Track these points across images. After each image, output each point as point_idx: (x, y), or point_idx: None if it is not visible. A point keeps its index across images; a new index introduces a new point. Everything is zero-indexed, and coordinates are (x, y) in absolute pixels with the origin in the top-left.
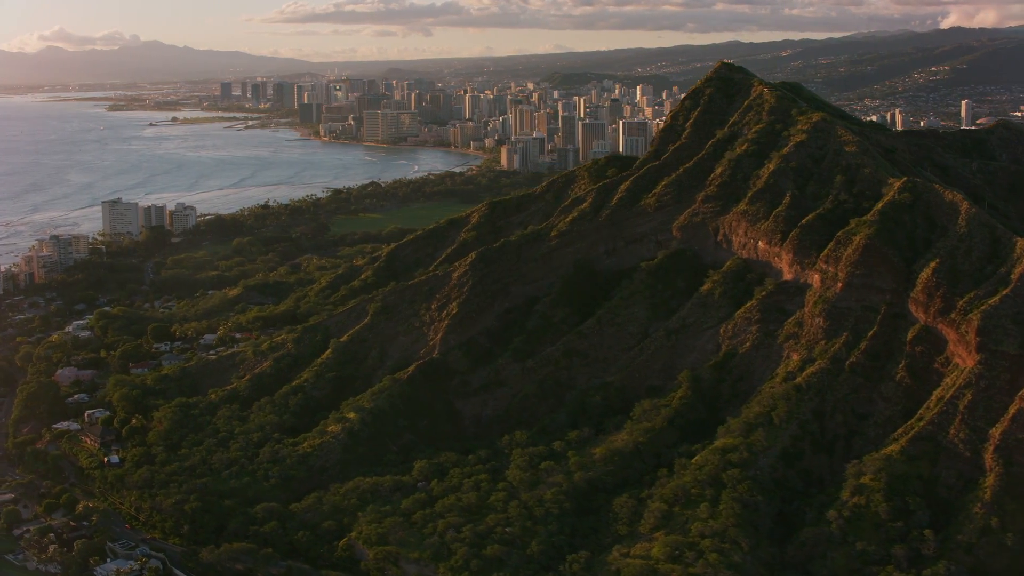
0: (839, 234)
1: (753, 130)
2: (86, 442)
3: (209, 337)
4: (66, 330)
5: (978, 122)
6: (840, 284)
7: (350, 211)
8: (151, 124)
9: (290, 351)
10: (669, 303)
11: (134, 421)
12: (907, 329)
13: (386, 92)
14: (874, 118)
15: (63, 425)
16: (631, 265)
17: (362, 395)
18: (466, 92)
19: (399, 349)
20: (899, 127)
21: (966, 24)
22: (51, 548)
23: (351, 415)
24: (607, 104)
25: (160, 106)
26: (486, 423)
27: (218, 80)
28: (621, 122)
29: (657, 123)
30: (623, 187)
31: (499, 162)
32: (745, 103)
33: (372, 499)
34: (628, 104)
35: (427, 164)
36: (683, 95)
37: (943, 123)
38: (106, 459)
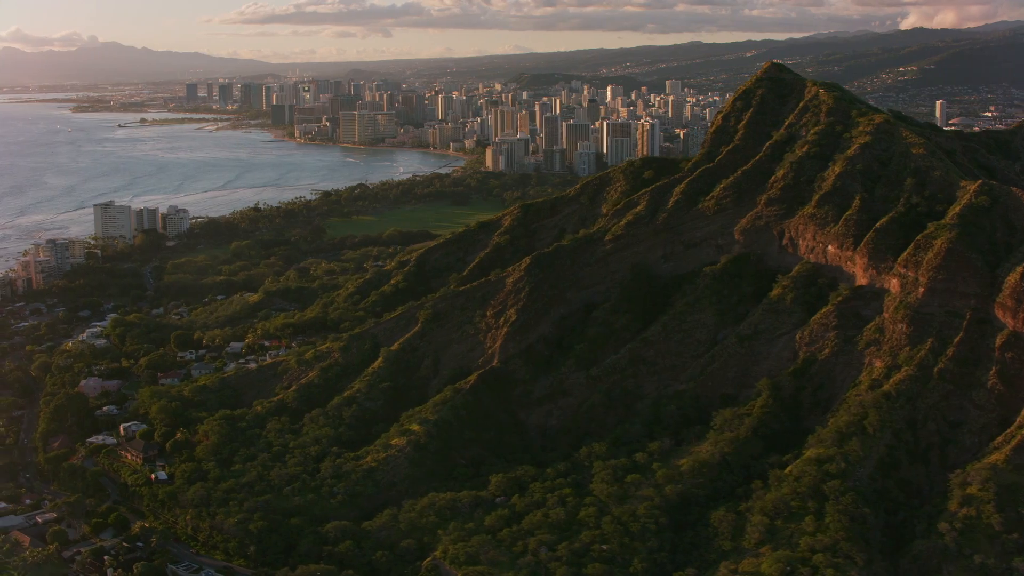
0: (918, 238)
1: (812, 131)
2: (127, 457)
3: (236, 345)
4: (80, 338)
5: (951, 122)
6: (922, 289)
7: (343, 213)
8: (120, 126)
9: (337, 360)
10: (736, 309)
11: (178, 435)
12: (994, 335)
13: (354, 93)
14: None
15: (98, 439)
16: (690, 270)
17: (423, 406)
18: (437, 93)
19: (453, 357)
20: None
21: (926, 25)
22: (109, 572)
23: (415, 427)
24: (585, 105)
25: (126, 107)
26: (552, 434)
27: (179, 81)
28: (605, 123)
29: (642, 123)
30: (678, 190)
31: (483, 163)
32: (800, 104)
33: (452, 516)
34: (602, 105)
35: (408, 166)
36: (734, 96)
37: None
38: (153, 475)
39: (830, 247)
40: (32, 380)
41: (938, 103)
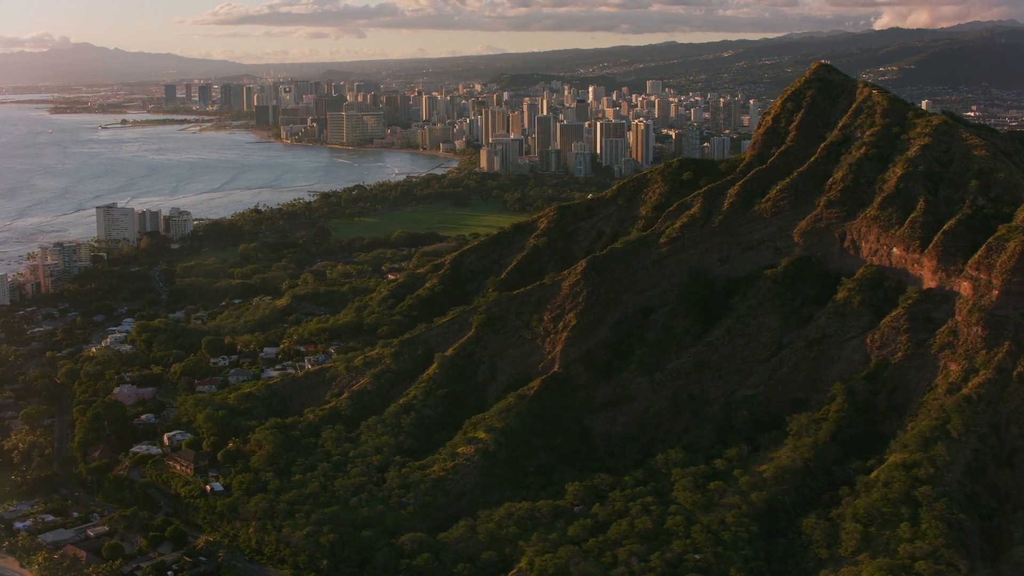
0: (990, 240)
1: (868, 133)
2: (176, 468)
3: (270, 350)
4: (103, 343)
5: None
6: (996, 292)
7: (344, 215)
8: (102, 127)
9: (389, 366)
10: (800, 312)
11: (230, 445)
12: None
13: (335, 94)
14: None
15: (141, 449)
16: (747, 272)
17: (485, 413)
18: (420, 94)
19: (510, 363)
20: None
21: (900, 25)
22: None
23: (482, 435)
24: (567, 105)
25: (104, 109)
26: (618, 440)
27: (154, 82)
28: (598, 124)
29: (637, 124)
30: (732, 191)
31: (478, 164)
32: (853, 105)
33: (532, 526)
34: (585, 105)
35: (401, 167)
36: (783, 97)
37: None
38: (208, 487)
39: (895, 249)
40: (59, 388)
41: (924, 103)
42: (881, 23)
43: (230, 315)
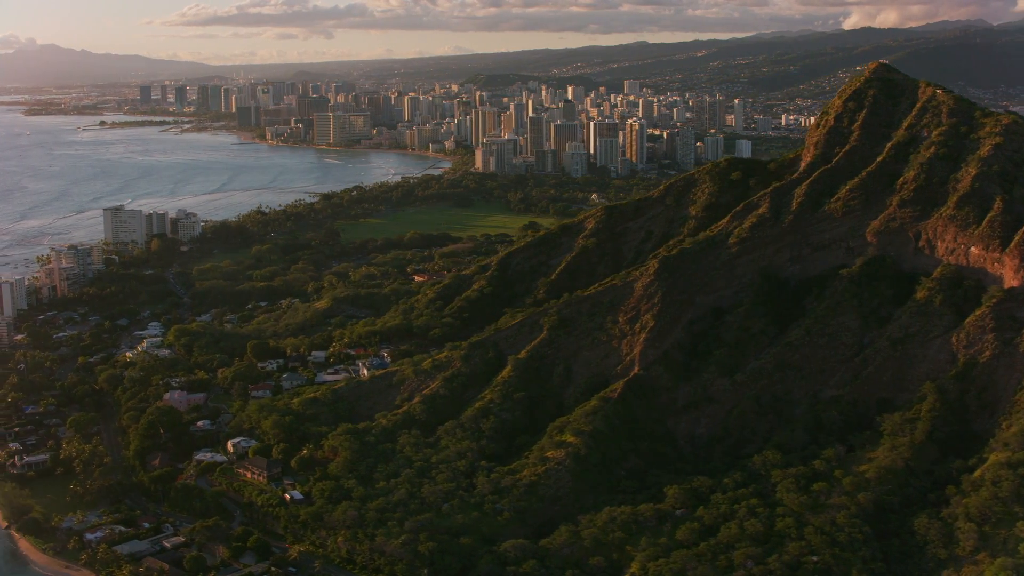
0: None
1: (936, 133)
2: (246, 476)
3: (318, 354)
4: (139, 348)
5: None
6: None
7: (350, 216)
8: (82, 129)
9: (460, 369)
10: (878, 311)
11: (304, 452)
12: None
13: (314, 95)
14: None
15: (205, 456)
16: (818, 272)
17: (568, 417)
18: (400, 95)
19: (585, 365)
20: None
21: (869, 24)
22: None
23: (571, 438)
24: (554, 105)
25: (79, 110)
26: (703, 442)
27: (125, 84)
28: (592, 124)
29: (631, 124)
30: (799, 191)
31: (472, 164)
32: (917, 105)
33: (637, 530)
34: (572, 105)
35: (393, 167)
36: (842, 96)
37: None
38: (287, 495)
39: (973, 249)
40: (100, 394)
41: None
42: (850, 23)
43: (266, 318)
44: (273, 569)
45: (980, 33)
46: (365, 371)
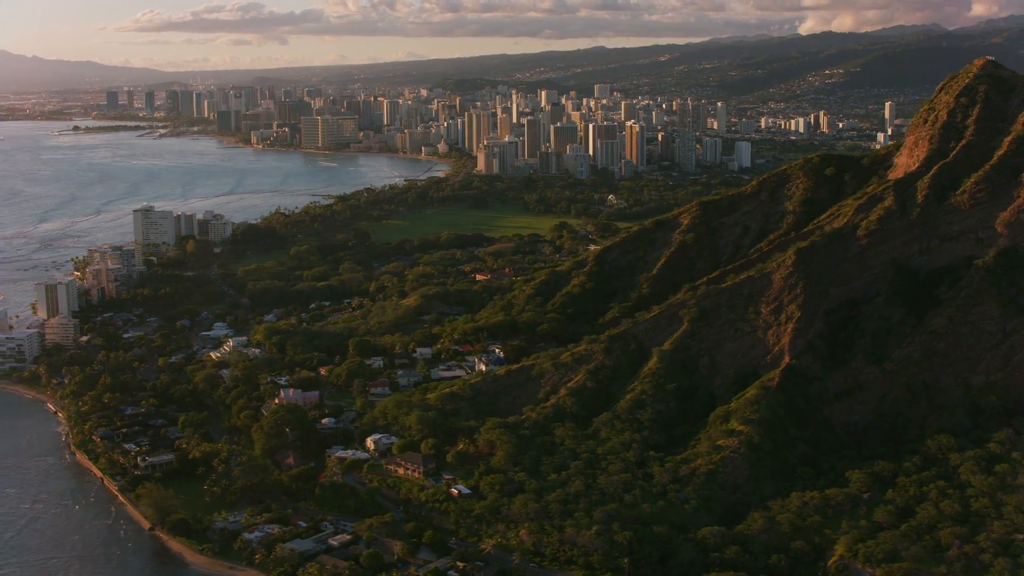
0: None
1: None
2: (399, 472)
3: (424, 351)
4: (224, 348)
5: (895, 122)
6: None
7: (372, 218)
8: (59, 133)
9: (603, 362)
10: (1017, 300)
11: (460, 446)
12: None
13: (286, 99)
14: (801, 120)
15: (346, 454)
16: (947, 263)
17: (727, 406)
18: (376, 99)
19: (731, 356)
20: (825, 129)
21: (824, 29)
22: None
23: (740, 427)
24: (548, 108)
25: (47, 116)
26: (859, 429)
27: (81, 90)
28: (591, 126)
29: (631, 126)
30: (923, 185)
31: (474, 166)
32: None
33: (833, 514)
34: (560, 107)
35: (391, 171)
36: (952, 93)
37: (863, 125)
38: (454, 490)
39: None
40: (199, 394)
41: (887, 104)
42: (806, 27)
43: (352, 316)
44: (460, 564)
45: (945, 37)
46: (483, 367)
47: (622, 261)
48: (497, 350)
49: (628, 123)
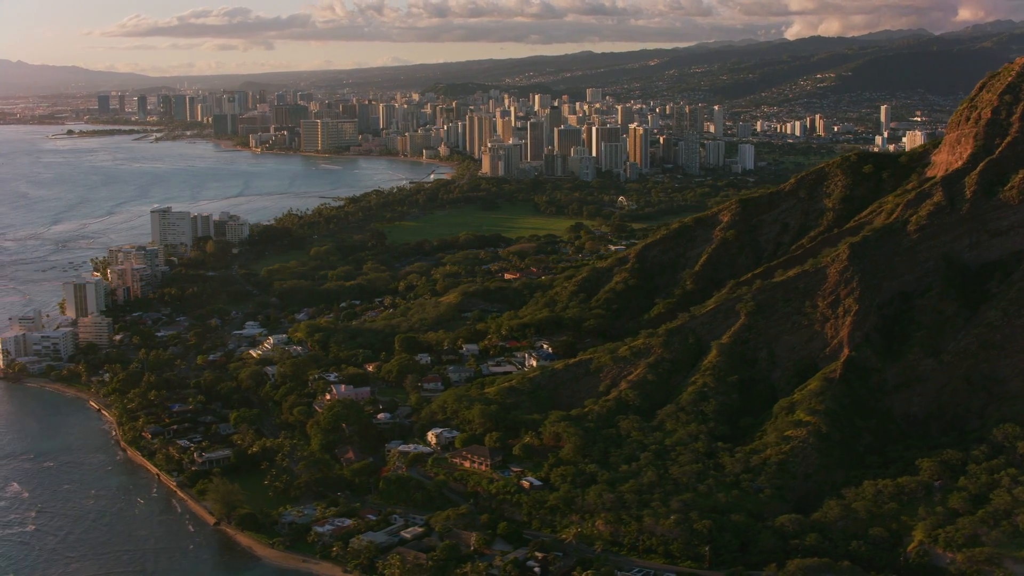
0: None
1: None
2: (465, 465)
3: (471, 347)
4: (265, 345)
5: (891, 125)
6: None
7: (385, 219)
8: (55, 137)
9: (662, 356)
10: None
11: (527, 439)
12: None
13: (279, 103)
14: (796, 123)
15: (408, 448)
16: (997, 257)
17: (790, 398)
18: (371, 103)
19: (788, 348)
20: (820, 133)
21: (812, 34)
22: None
23: (807, 418)
24: (546, 112)
25: (38, 120)
26: (919, 420)
27: (66, 95)
28: (594, 128)
29: (635, 129)
30: (971, 180)
31: (478, 169)
32: None
33: (908, 501)
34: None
35: (394, 173)
36: (995, 92)
37: (858, 128)
38: (525, 482)
39: None
40: (244, 391)
41: (883, 107)
42: (792, 32)
43: (391, 314)
44: (539, 554)
45: (934, 42)
46: (533, 362)
47: (663, 258)
48: (545, 345)
49: (632, 126)
